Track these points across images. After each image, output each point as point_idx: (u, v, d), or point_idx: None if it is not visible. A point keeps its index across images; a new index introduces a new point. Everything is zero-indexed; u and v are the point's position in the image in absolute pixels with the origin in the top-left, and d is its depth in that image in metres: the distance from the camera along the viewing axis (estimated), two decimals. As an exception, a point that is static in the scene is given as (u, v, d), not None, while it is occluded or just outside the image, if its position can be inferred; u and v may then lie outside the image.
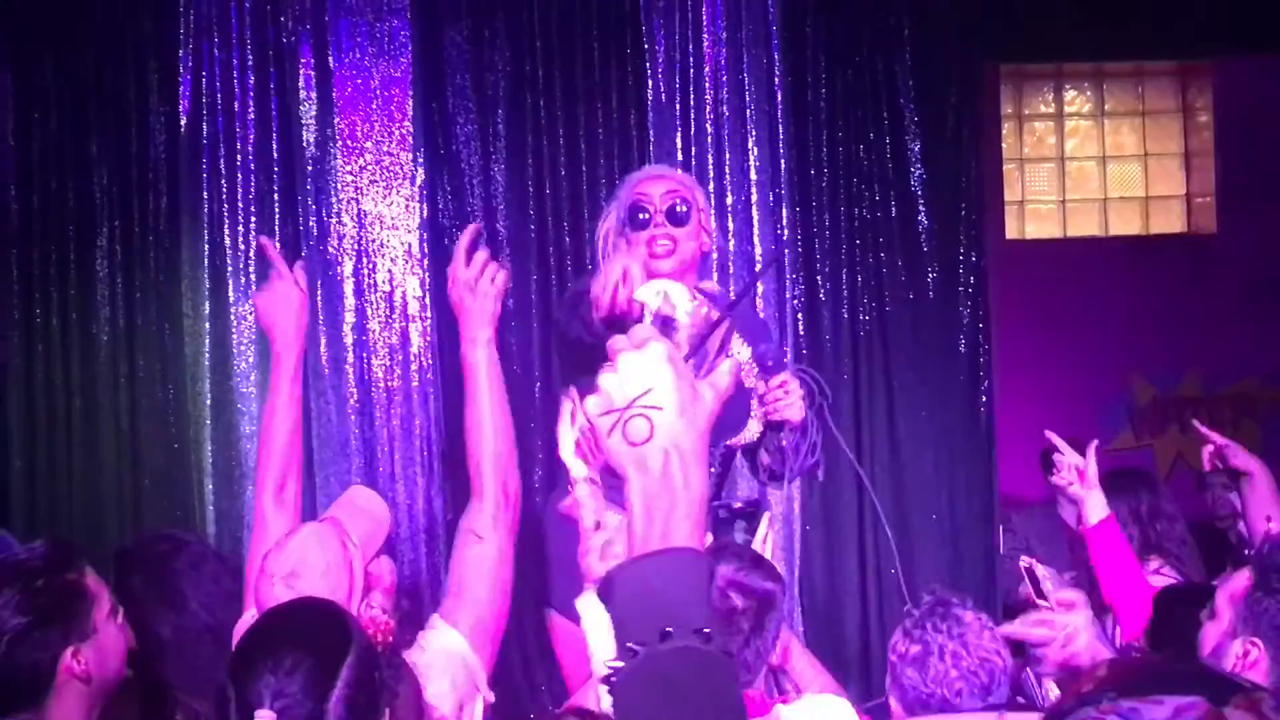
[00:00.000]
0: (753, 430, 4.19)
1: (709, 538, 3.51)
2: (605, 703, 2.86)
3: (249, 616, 3.08)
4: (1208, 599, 3.24)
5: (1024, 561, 3.68)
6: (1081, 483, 4.54)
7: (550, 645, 4.49)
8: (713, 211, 6.03)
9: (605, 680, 1.45)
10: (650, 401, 1.50)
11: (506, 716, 4.09)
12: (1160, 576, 4.93)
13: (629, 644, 1.43)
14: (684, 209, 4.19)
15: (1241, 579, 2.98)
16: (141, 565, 3.51)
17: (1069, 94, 8.65)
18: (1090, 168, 8.68)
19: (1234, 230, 8.45)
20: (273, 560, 3.04)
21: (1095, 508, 4.47)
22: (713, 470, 4.32)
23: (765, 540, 3.83)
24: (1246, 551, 4.23)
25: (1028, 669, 4.12)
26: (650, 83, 6.10)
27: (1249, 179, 8.41)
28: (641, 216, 4.18)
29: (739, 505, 3.97)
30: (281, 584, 2.96)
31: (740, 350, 4.10)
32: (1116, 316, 8.27)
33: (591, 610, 3.07)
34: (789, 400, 4.13)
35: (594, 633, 3.05)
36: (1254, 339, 8.29)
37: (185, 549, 3.53)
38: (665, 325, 1.71)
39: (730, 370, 1.58)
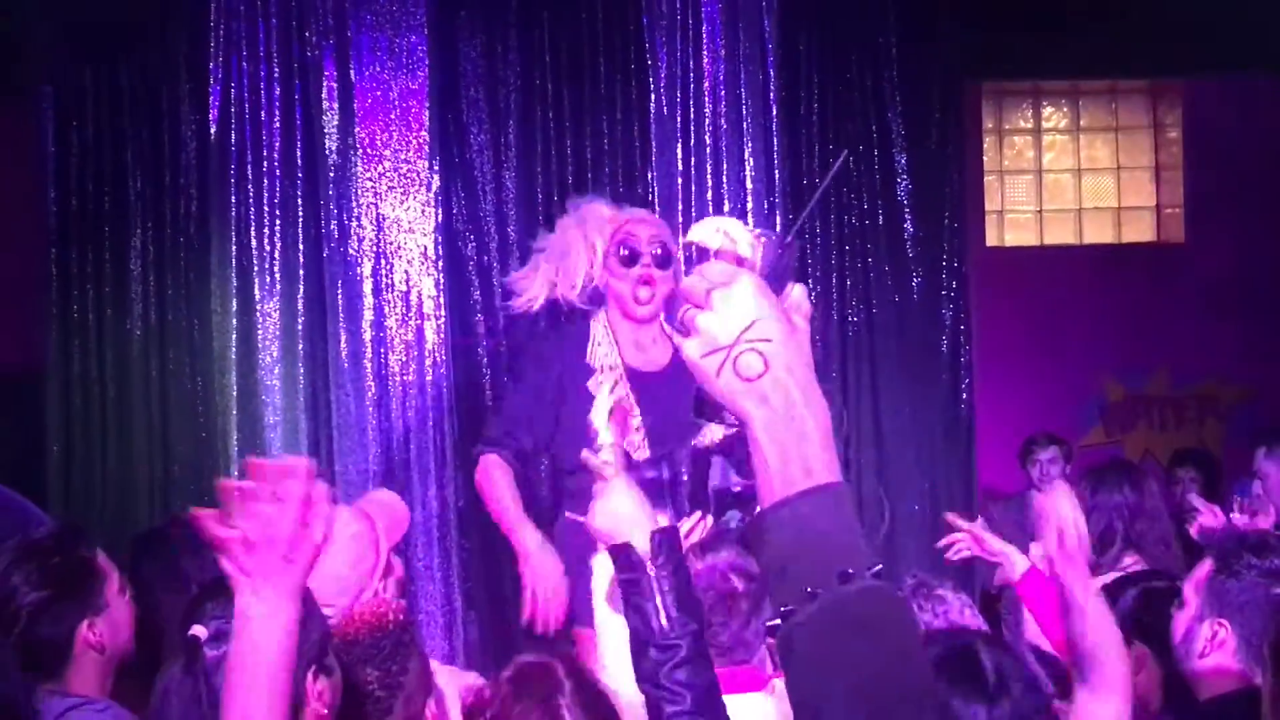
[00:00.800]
0: (715, 432, 4.01)
1: (708, 521, 3.57)
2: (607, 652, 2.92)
3: None
4: (1172, 590, 3.24)
5: None
6: (982, 550, 4.22)
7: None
8: (709, 215, 6.17)
9: (779, 627, 1.34)
10: (757, 334, 1.39)
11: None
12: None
13: (806, 588, 1.32)
14: (664, 254, 4.35)
15: (1204, 567, 2.98)
16: (149, 549, 3.50)
17: (1046, 110, 8.67)
18: (1066, 180, 8.67)
19: (1201, 239, 8.45)
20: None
21: (1016, 564, 4.07)
22: (684, 472, 4.26)
23: None
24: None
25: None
26: (653, 96, 6.12)
27: (1215, 191, 8.40)
28: (626, 254, 4.32)
29: (737, 489, 3.98)
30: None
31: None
32: (1089, 319, 8.26)
33: (604, 568, 3.16)
34: None
35: (601, 589, 3.14)
36: (1219, 341, 8.29)
37: (190, 532, 3.45)
38: (737, 263, 1.54)
39: (803, 293, 1.49)
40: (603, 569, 3.02)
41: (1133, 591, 3.44)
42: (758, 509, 1.41)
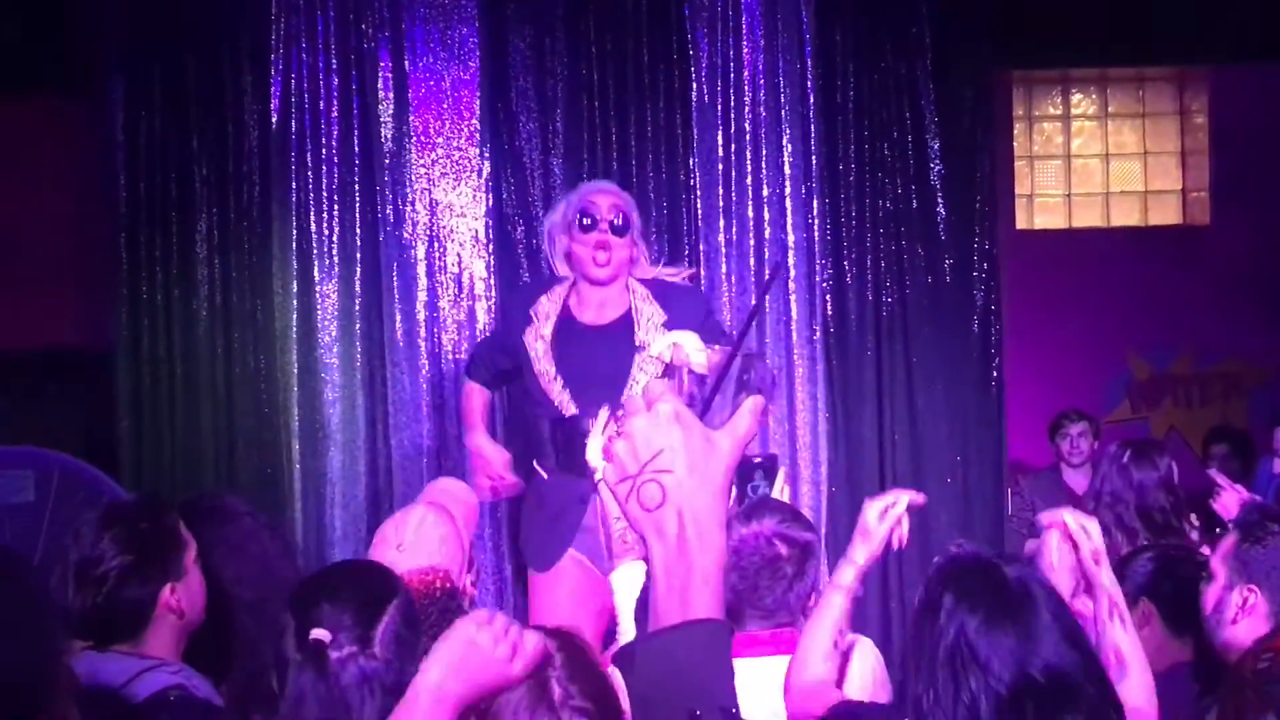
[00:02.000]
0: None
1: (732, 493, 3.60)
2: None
3: None
4: (1188, 559, 3.34)
5: None
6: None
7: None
8: (749, 202, 6.18)
9: None
10: (660, 465, 1.36)
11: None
12: None
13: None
14: (623, 222, 4.55)
15: (1229, 540, 3.00)
16: (204, 517, 3.43)
17: (1075, 97, 8.64)
18: (1094, 164, 8.64)
19: (1226, 222, 8.41)
20: (391, 530, 3.08)
21: None
22: None
23: (782, 492, 3.83)
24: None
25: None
26: (694, 85, 6.13)
27: (1240, 176, 8.36)
28: (586, 222, 4.54)
29: (757, 459, 3.97)
30: (402, 552, 3.00)
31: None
32: (1116, 300, 8.25)
33: (623, 582, 3.16)
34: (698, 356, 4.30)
35: (624, 603, 3.13)
36: (1242, 322, 8.26)
37: (219, 510, 3.23)
38: (684, 377, 1.51)
39: (752, 409, 1.45)
40: (622, 580, 3.04)
41: (1148, 555, 3.46)
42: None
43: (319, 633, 2.27)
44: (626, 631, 3.11)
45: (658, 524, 1.36)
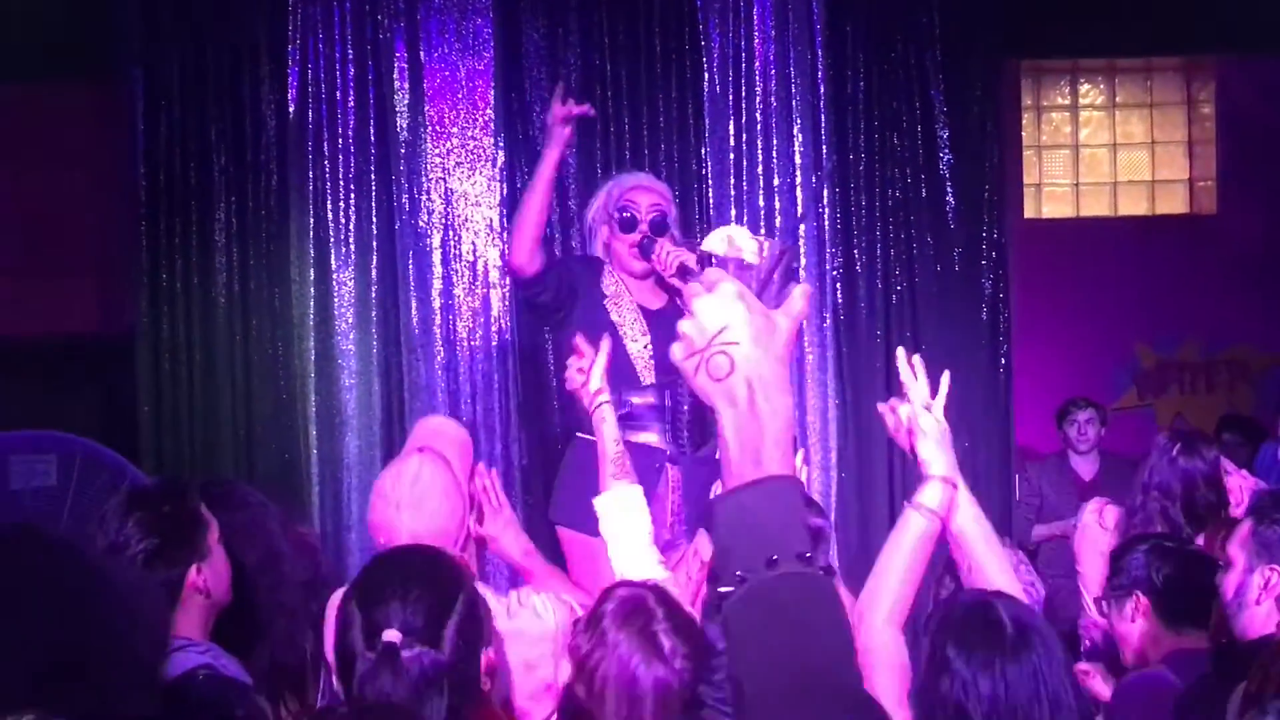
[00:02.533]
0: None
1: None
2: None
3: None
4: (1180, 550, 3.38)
5: None
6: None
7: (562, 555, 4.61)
8: (760, 191, 6.17)
9: (716, 606, 1.40)
10: (727, 338, 1.43)
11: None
12: None
13: (737, 571, 1.37)
14: (661, 219, 4.57)
15: (1244, 526, 3.02)
16: (220, 501, 3.37)
17: (1083, 87, 8.60)
18: (1101, 154, 8.61)
19: (1232, 211, 8.39)
20: (389, 486, 3.00)
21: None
22: (684, 403, 4.57)
23: (800, 471, 3.85)
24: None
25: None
26: (706, 76, 6.13)
27: (1247, 165, 8.34)
28: (627, 220, 4.55)
29: None
30: (403, 510, 2.96)
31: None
32: (1123, 288, 8.22)
33: (608, 508, 3.16)
34: (672, 250, 4.36)
35: (610, 530, 3.14)
36: (1248, 309, 8.24)
37: (230, 496, 3.16)
38: (739, 267, 1.61)
39: (802, 294, 1.52)
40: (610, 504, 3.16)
41: (1141, 548, 3.47)
42: (715, 493, 1.47)
43: (391, 634, 2.29)
44: (616, 554, 3.14)
45: (728, 392, 1.42)
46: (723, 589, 1.38)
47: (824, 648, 1.37)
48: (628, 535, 3.14)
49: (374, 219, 6.06)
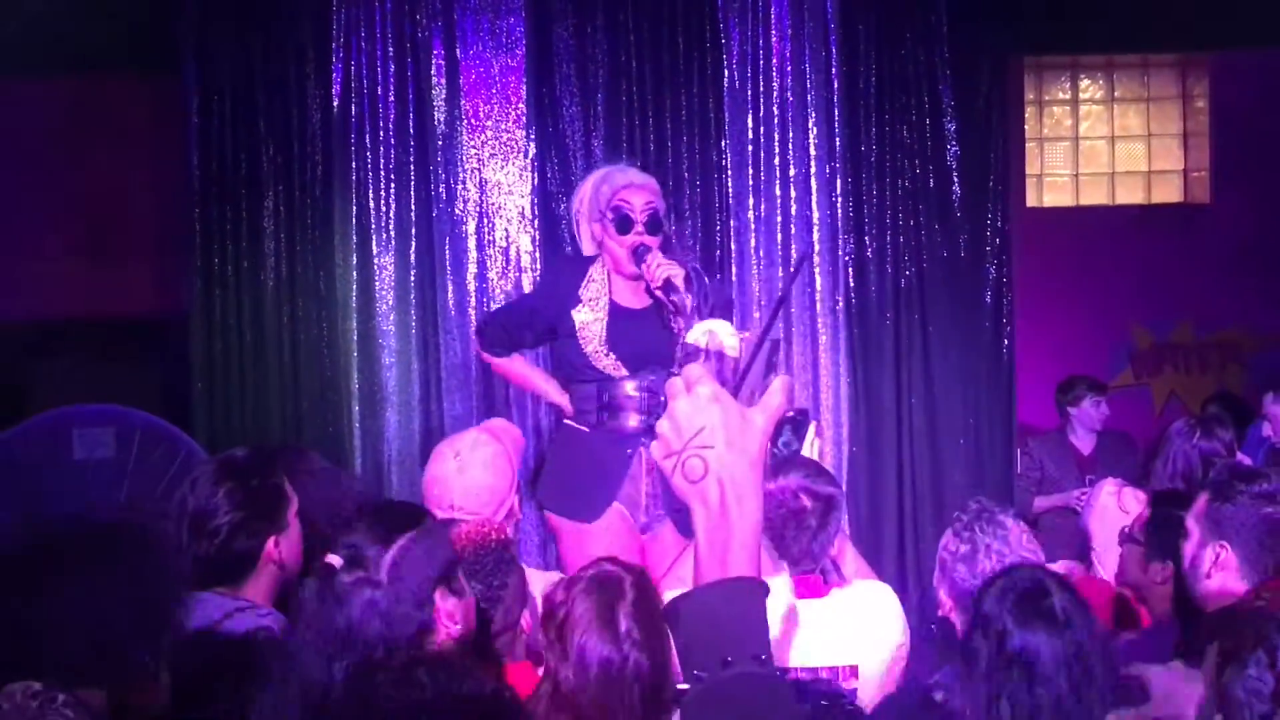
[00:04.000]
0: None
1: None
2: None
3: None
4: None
5: None
6: None
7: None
8: (777, 181, 6.19)
9: (675, 701, 1.45)
10: (702, 441, 1.41)
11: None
12: None
13: (695, 671, 1.36)
14: (655, 218, 4.41)
15: (1201, 500, 2.98)
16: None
17: (1083, 82, 8.59)
18: (1100, 146, 8.60)
19: (1225, 201, 8.37)
20: (448, 447, 3.19)
21: None
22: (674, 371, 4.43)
23: (813, 446, 3.78)
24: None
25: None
26: (726, 72, 6.14)
27: (1239, 156, 8.31)
28: (625, 220, 4.38)
29: (790, 414, 3.95)
30: (459, 460, 3.10)
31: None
32: (1120, 273, 8.21)
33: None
34: (663, 263, 4.23)
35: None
36: (1239, 294, 8.23)
37: (300, 461, 3.19)
38: (719, 360, 1.58)
39: (781, 388, 1.49)
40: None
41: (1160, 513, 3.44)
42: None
43: (331, 558, 2.33)
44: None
45: (701, 494, 1.40)
46: (680, 686, 1.43)
47: None
48: None
49: (413, 207, 6.10)
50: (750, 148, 6.16)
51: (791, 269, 6.10)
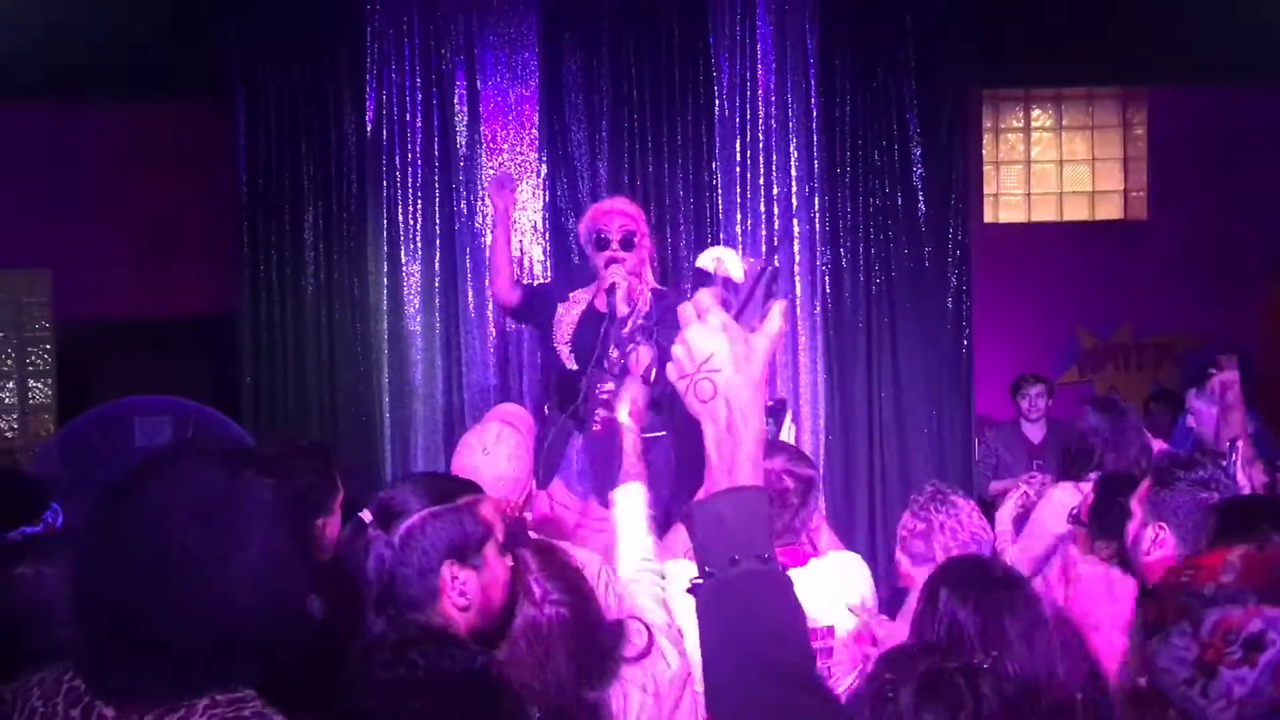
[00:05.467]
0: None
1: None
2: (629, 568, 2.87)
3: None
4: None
5: None
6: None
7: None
8: (762, 199, 6.18)
9: (690, 591, 1.41)
10: (711, 365, 1.43)
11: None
12: None
13: (706, 569, 1.39)
14: (632, 237, 4.59)
15: (1144, 484, 3.00)
16: None
17: (1035, 112, 8.61)
18: (1050, 169, 8.62)
19: (1160, 217, 8.40)
20: (475, 439, 3.17)
21: None
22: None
23: (789, 432, 3.82)
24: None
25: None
26: (716, 102, 6.13)
27: (1173, 178, 8.35)
28: (602, 239, 4.61)
29: (769, 403, 3.89)
30: (487, 455, 3.09)
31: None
32: (1067, 282, 8.25)
33: (625, 501, 3.04)
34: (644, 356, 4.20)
35: (624, 519, 3.00)
36: (1174, 300, 8.26)
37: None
38: (725, 284, 1.55)
39: (780, 312, 1.52)
40: (623, 498, 3.03)
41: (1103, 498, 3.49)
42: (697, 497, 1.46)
43: (364, 513, 2.33)
44: (624, 540, 3.02)
45: (711, 412, 1.43)
46: (694, 580, 1.40)
47: (777, 634, 1.38)
48: (632, 523, 3.09)
49: (437, 221, 6.09)
50: (738, 169, 6.16)
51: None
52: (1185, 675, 1.28)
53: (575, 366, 4.66)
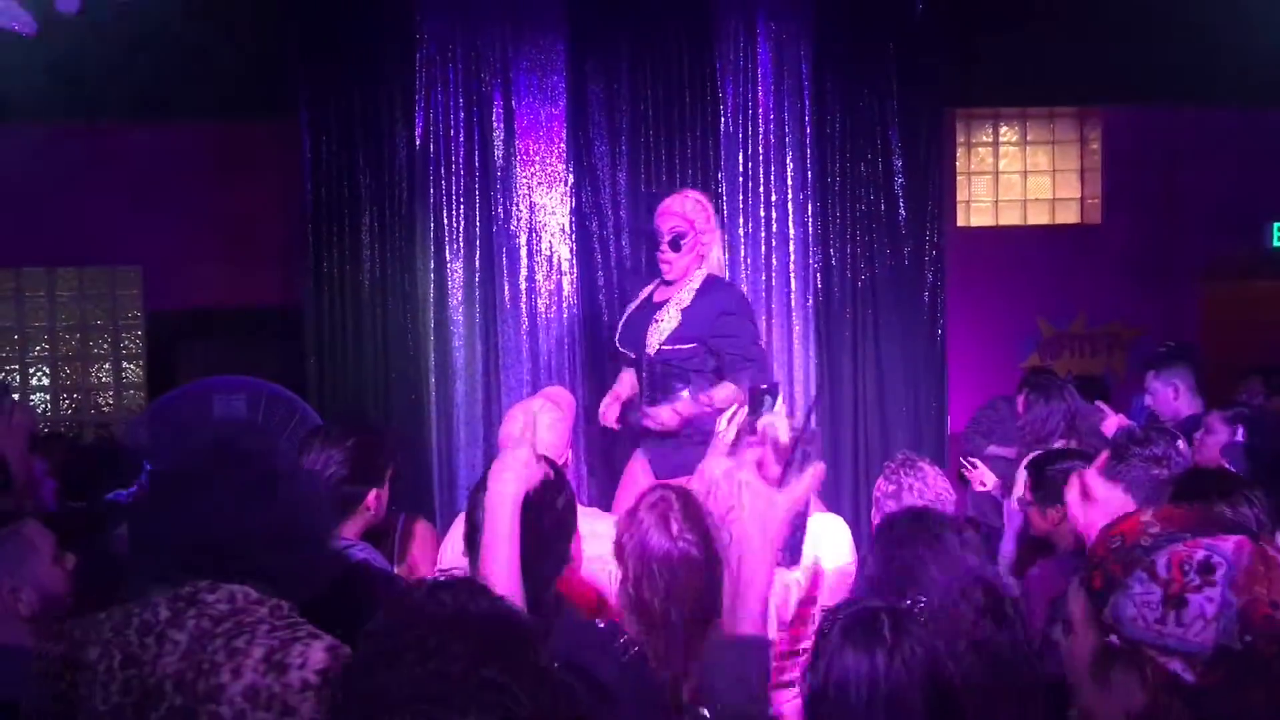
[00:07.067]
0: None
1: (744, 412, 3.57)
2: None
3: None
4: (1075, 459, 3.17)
5: None
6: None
7: None
8: (762, 205, 6.17)
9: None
10: (733, 518, 1.49)
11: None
12: None
13: (704, 711, 1.45)
14: (680, 239, 4.40)
15: (1101, 457, 2.78)
16: None
17: (1003, 128, 8.58)
18: (1015, 178, 8.59)
19: (1113, 222, 8.38)
20: (519, 412, 3.15)
21: None
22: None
23: (781, 411, 3.82)
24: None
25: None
26: (722, 120, 6.13)
27: (1124, 188, 8.36)
28: (655, 238, 4.49)
29: (763, 387, 3.95)
30: (524, 423, 3.07)
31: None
32: (1030, 278, 8.24)
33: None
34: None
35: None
36: (1123, 294, 8.28)
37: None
38: (774, 446, 1.64)
39: (814, 473, 1.52)
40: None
41: (1062, 465, 3.38)
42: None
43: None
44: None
45: (725, 557, 1.50)
46: (703, 711, 1.45)
47: None
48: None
49: (477, 224, 6.09)
50: (741, 179, 6.16)
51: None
52: (1155, 615, 1.25)
53: (623, 350, 4.59)
